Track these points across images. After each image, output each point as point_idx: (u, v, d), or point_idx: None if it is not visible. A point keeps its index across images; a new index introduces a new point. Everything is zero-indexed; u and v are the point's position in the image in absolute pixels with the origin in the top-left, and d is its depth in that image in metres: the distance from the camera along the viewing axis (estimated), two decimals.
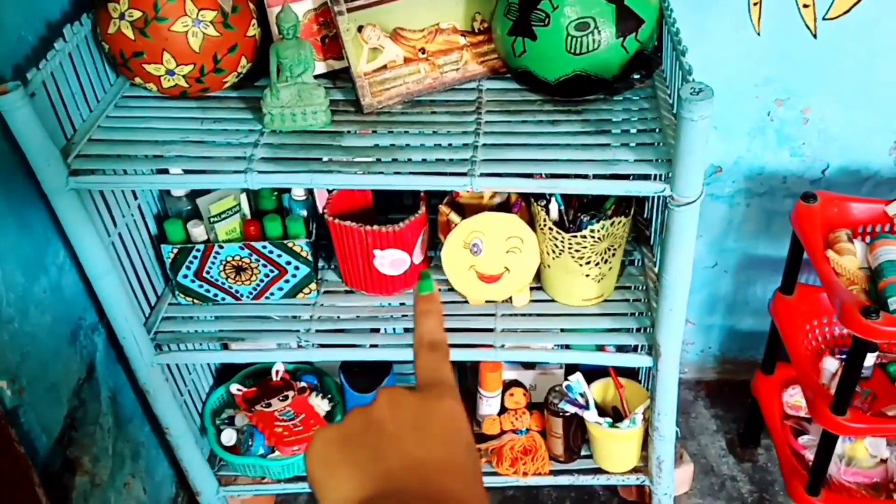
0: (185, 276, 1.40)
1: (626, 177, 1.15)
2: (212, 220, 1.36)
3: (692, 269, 1.21)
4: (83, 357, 1.36)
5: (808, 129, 1.59)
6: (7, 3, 1.12)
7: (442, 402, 0.50)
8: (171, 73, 1.19)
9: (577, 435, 1.55)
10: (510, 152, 1.15)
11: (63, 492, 1.30)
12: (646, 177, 1.22)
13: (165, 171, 1.21)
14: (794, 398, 1.67)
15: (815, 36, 1.47)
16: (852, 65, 1.50)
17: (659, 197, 1.42)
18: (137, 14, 1.14)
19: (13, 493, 1.15)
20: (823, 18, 1.45)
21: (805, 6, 1.44)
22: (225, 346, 1.44)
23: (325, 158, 1.16)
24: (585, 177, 1.10)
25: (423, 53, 1.25)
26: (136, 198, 1.39)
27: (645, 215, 1.56)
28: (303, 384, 1.61)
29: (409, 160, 1.15)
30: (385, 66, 1.24)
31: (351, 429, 0.48)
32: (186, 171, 1.17)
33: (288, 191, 1.44)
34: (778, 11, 1.45)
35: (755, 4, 1.44)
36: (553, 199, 1.31)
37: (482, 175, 1.11)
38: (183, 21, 1.15)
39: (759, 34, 1.47)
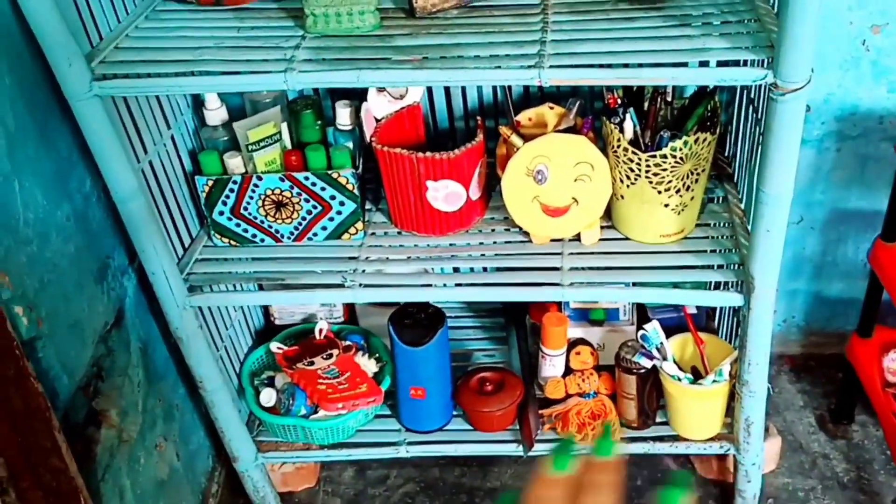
0: (222, 214, 1.29)
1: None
2: (250, 147, 1.24)
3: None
4: (111, 299, 1.25)
5: None
6: None
7: None
8: None
9: (652, 397, 1.38)
10: (583, 46, 1.01)
11: (87, 444, 1.19)
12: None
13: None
14: None
15: None
16: None
17: (746, 117, 1.28)
18: None
19: (31, 434, 1.04)
20: None
21: None
22: (262, 289, 1.31)
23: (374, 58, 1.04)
24: (683, 65, 0.96)
25: None
26: (168, 127, 1.28)
27: (727, 153, 1.41)
28: (348, 343, 1.48)
29: (471, 57, 1.02)
30: None
31: None
32: (222, 73, 1.05)
33: (332, 122, 1.32)
34: None
35: None
36: (628, 116, 1.16)
37: (552, 67, 0.98)
38: None
39: None
